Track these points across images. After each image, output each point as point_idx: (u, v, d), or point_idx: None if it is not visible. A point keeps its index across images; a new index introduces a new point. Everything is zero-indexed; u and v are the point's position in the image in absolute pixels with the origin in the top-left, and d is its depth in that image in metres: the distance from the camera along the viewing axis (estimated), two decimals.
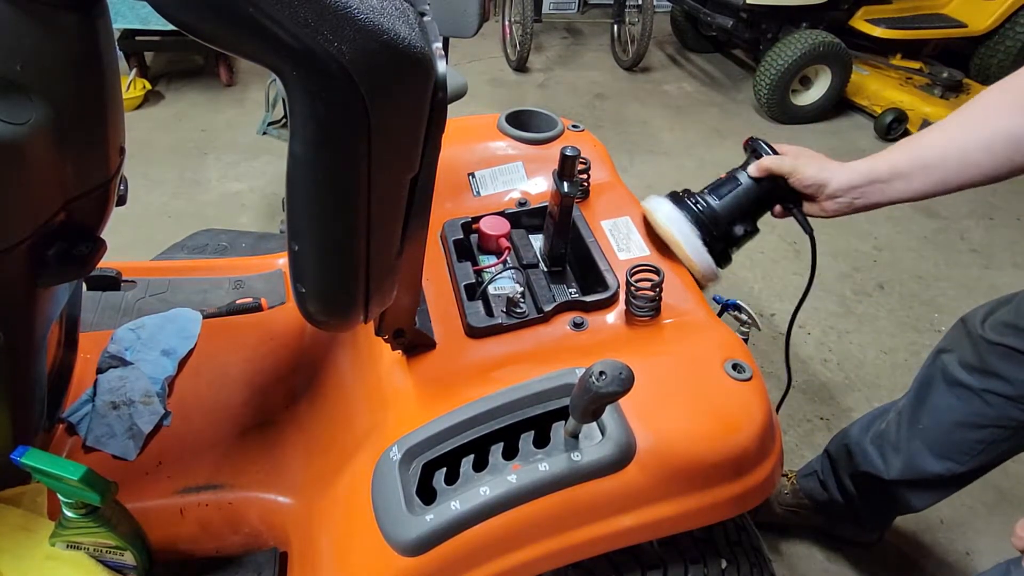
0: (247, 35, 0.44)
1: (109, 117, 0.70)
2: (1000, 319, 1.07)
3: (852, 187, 0.87)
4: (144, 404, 0.96)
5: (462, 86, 1.94)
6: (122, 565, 0.81)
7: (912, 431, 1.19)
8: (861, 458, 1.28)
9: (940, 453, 1.16)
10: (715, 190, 0.93)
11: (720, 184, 0.94)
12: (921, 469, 1.19)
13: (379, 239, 0.59)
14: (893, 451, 1.22)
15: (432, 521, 0.66)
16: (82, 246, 0.72)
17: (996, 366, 1.06)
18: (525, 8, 3.52)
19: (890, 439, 1.23)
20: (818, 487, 1.40)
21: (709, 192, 0.94)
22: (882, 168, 0.84)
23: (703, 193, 0.94)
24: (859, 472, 1.29)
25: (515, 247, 0.96)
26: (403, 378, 0.82)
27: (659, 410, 0.72)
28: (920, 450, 1.18)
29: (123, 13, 2.83)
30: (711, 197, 0.93)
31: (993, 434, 1.11)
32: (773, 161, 0.90)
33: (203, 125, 3.02)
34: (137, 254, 1.94)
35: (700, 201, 0.93)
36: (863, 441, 1.28)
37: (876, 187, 0.85)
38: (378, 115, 0.50)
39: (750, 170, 0.92)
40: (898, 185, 0.84)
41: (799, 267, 2.37)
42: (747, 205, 0.92)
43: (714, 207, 0.92)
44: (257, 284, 1.22)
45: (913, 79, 3.32)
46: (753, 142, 0.95)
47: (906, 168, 0.83)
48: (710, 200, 0.92)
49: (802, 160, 0.90)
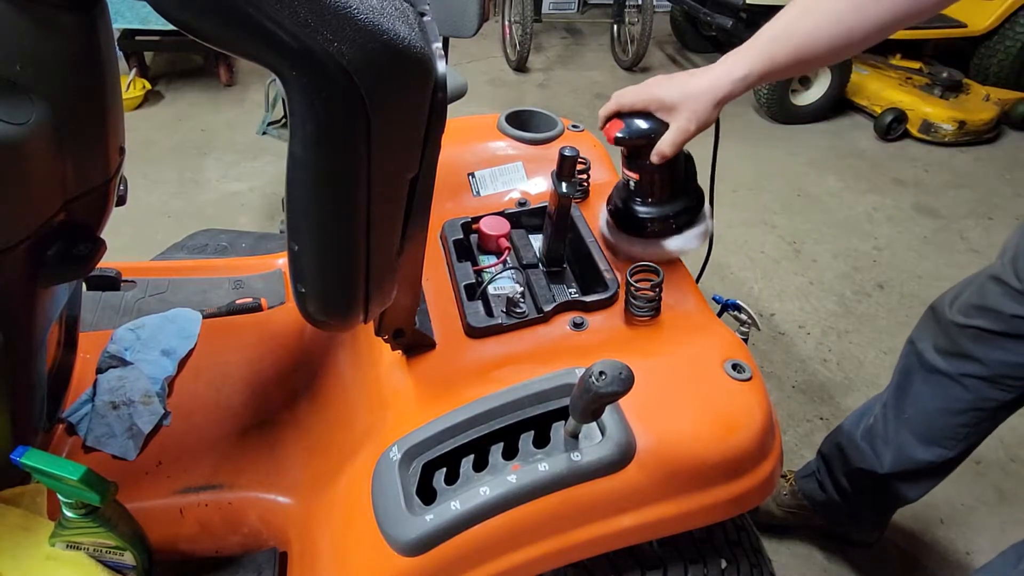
0: (247, 35, 0.44)
1: (109, 117, 0.71)
2: (966, 301, 1.08)
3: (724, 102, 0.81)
4: (144, 404, 0.96)
5: (462, 86, 1.94)
6: (122, 565, 0.81)
7: (899, 422, 1.21)
8: (854, 455, 1.29)
9: (928, 440, 1.17)
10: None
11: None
12: (912, 458, 1.20)
13: (379, 239, 0.59)
14: (883, 444, 1.23)
15: (432, 521, 0.66)
16: (82, 246, 0.72)
17: (968, 348, 1.07)
18: (525, 8, 3.52)
19: (879, 433, 1.24)
20: (817, 488, 1.40)
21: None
22: (760, 70, 0.79)
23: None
24: (853, 469, 1.29)
25: (515, 247, 0.96)
26: (403, 378, 0.82)
27: (659, 410, 0.72)
28: (908, 440, 1.19)
29: (123, 13, 2.83)
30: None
31: (975, 416, 1.13)
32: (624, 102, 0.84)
33: (203, 125, 3.02)
34: (137, 254, 1.94)
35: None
36: (854, 438, 1.29)
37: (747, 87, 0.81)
38: (378, 115, 0.50)
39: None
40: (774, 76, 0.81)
41: (799, 267, 2.37)
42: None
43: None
44: (257, 284, 1.22)
45: (913, 79, 3.32)
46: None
47: (786, 62, 0.78)
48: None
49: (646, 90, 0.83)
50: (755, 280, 2.30)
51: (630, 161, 0.88)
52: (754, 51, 0.79)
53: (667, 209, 0.90)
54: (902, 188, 2.87)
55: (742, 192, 2.79)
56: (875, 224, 2.62)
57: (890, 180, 2.92)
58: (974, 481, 1.65)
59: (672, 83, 0.81)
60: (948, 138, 3.12)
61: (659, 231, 0.90)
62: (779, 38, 0.78)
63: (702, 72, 0.81)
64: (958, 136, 3.12)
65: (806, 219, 2.64)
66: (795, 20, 0.77)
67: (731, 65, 0.79)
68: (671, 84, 0.81)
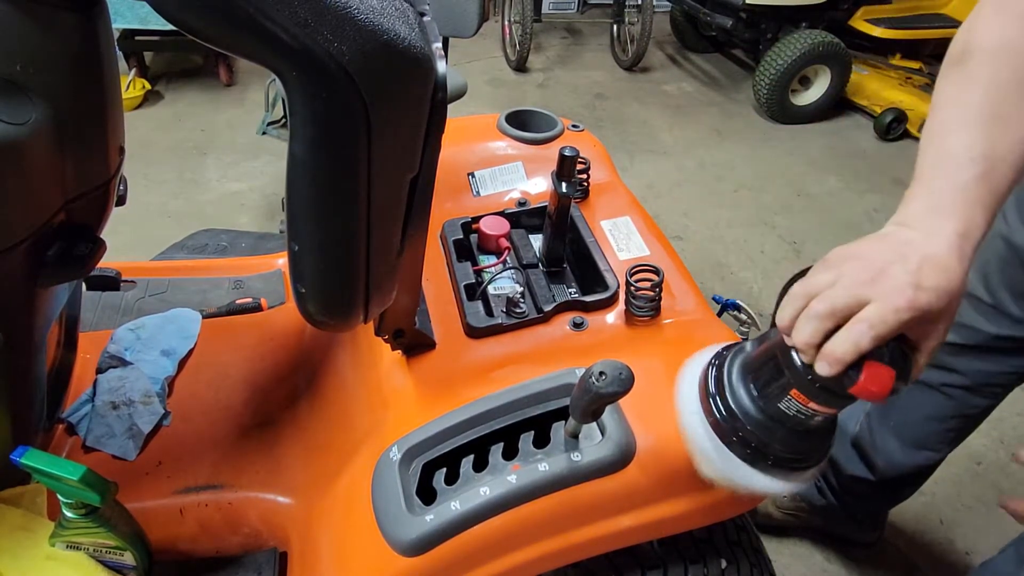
0: (246, 35, 0.44)
1: (109, 117, 0.70)
2: None
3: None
4: (144, 404, 0.96)
5: (462, 86, 1.94)
6: (122, 565, 0.81)
7: (884, 429, 1.21)
8: (845, 462, 1.29)
9: (916, 445, 1.18)
10: (758, 381, 0.61)
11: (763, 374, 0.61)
12: (901, 463, 1.20)
13: (379, 239, 0.59)
14: (872, 451, 1.23)
15: (432, 521, 0.66)
16: (82, 246, 0.72)
17: (947, 362, 1.07)
18: (525, 8, 3.52)
19: (866, 440, 1.24)
20: (816, 493, 1.40)
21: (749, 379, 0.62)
22: (980, 221, 0.53)
23: (736, 363, 0.64)
24: (845, 476, 1.30)
25: (515, 247, 0.96)
26: (403, 378, 0.82)
27: (659, 410, 0.72)
28: (895, 446, 1.19)
29: (123, 13, 2.82)
30: (745, 384, 0.62)
31: (961, 421, 1.13)
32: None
33: (203, 125, 3.01)
34: (137, 254, 1.94)
35: (725, 391, 0.63)
36: (844, 444, 1.28)
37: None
38: (378, 115, 0.50)
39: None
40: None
41: (799, 267, 2.36)
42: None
43: (745, 407, 0.61)
44: (257, 284, 1.22)
45: (913, 79, 3.32)
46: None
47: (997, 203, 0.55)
48: (739, 393, 0.62)
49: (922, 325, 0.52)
50: (755, 280, 2.30)
51: (829, 396, 0.56)
52: (964, 202, 0.53)
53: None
54: (902, 188, 2.83)
55: (742, 192, 2.79)
56: (875, 224, 2.61)
57: (890, 180, 2.92)
58: (974, 481, 1.65)
59: (919, 276, 0.50)
60: None
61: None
62: (990, 167, 0.53)
63: (934, 254, 0.51)
64: None
65: (806, 219, 2.64)
66: (993, 138, 0.54)
67: (957, 235, 0.52)
68: (925, 279, 0.50)
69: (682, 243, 2.45)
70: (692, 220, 2.58)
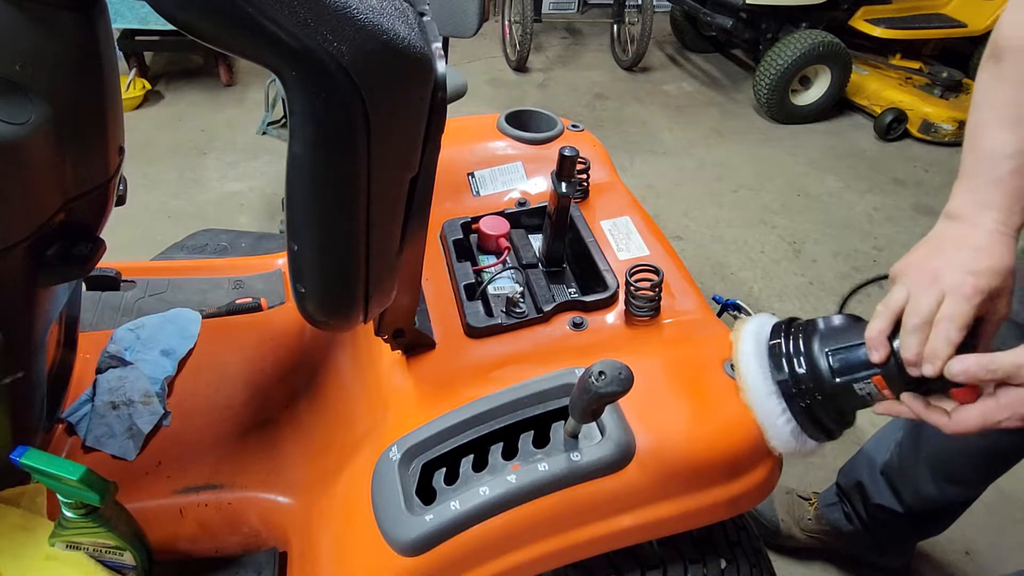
0: (246, 35, 0.44)
1: (109, 117, 0.71)
2: None
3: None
4: (144, 404, 0.96)
5: (462, 86, 1.94)
6: (122, 565, 0.81)
7: (916, 459, 1.17)
8: (873, 491, 1.26)
9: (947, 479, 1.14)
10: (836, 347, 0.67)
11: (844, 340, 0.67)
12: (930, 496, 1.16)
13: (379, 239, 0.59)
14: (901, 482, 1.20)
15: (432, 521, 0.66)
16: (82, 246, 0.72)
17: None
18: (525, 8, 3.52)
19: (895, 469, 1.21)
20: (843, 519, 1.36)
21: (827, 341, 0.67)
22: (1018, 209, 0.62)
23: (816, 337, 0.68)
24: (873, 504, 1.27)
25: (515, 247, 0.96)
26: (403, 378, 0.82)
27: (659, 410, 0.72)
28: (926, 478, 1.15)
29: (123, 13, 2.83)
30: (825, 357, 0.67)
31: (993, 458, 1.09)
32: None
33: (203, 125, 3.01)
34: (137, 254, 1.94)
35: (802, 356, 0.68)
36: (874, 473, 1.25)
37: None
38: (378, 115, 0.50)
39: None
40: None
41: (799, 267, 2.36)
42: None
43: (822, 375, 0.66)
44: (257, 284, 1.22)
45: (913, 79, 3.32)
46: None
47: None
48: (819, 362, 0.67)
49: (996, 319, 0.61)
50: (755, 280, 2.30)
51: (915, 387, 0.63)
52: (1002, 194, 0.61)
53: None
54: (902, 188, 2.87)
55: (742, 192, 2.78)
56: (875, 224, 2.62)
57: (890, 180, 2.92)
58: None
59: (972, 264, 0.59)
60: (948, 138, 3.12)
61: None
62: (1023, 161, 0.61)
63: (979, 242, 0.60)
64: (958, 136, 3.12)
65: (806, 219, 2.64)
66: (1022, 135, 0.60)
67: (997, 223, 0.61)
68: (977, 264, 0.59)
69: (682, 243, 2.45)
70: (692, 220, 2.58)
